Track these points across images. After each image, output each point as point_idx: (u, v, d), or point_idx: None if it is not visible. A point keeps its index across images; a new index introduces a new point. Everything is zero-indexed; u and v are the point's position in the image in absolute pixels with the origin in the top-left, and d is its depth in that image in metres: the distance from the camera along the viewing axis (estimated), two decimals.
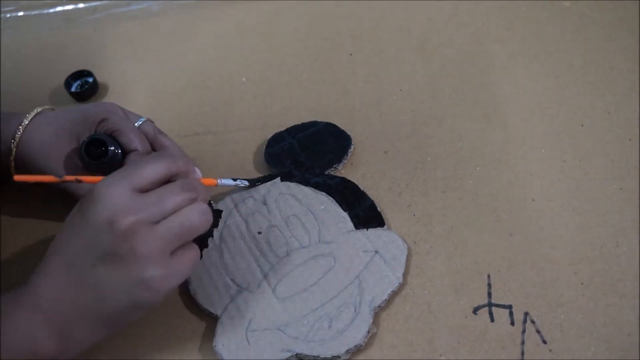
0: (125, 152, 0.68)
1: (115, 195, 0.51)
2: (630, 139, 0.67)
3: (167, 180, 0.54)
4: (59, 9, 0.95)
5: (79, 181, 0.54)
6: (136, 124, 0.70)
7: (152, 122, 0.72)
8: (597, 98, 0.71)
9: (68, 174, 0.67)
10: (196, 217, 0.52)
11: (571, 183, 0.65)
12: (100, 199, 0.51)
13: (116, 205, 0.50)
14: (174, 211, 0.52)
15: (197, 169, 0.71)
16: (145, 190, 0.52)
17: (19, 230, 0.71)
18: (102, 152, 0.66)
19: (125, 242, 0.50)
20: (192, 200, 0.53)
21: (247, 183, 0.68)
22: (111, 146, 0.66)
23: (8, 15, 0.95)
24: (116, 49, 0.88)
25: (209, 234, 0.66)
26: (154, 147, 0.71)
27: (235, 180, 0.66)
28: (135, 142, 0.68)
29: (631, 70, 0.72)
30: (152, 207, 0.51)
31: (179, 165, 0.54)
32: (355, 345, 0.57)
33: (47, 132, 0.67)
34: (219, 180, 0.62)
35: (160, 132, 0.71)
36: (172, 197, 0.52)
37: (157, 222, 0.51)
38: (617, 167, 0.65)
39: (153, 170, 0.53)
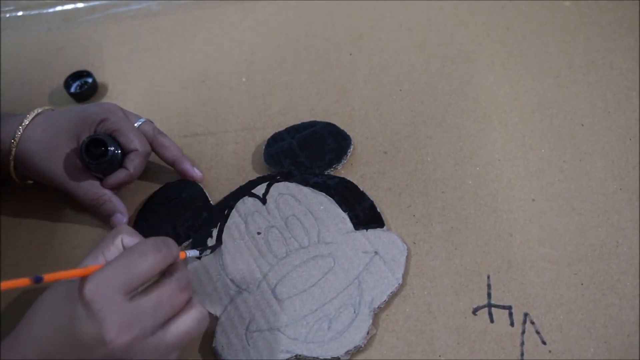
0: (125, 152, 0.68)
1: (107, 305, 0.46)
2: (630, 139, 0.67)
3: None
4: (59, 8, 0.94)
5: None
6: (136, 124, 0.70)
7: (152, 122, 0.72)
8: (597, 98, 0.71)
9: (68, 174, 0.67)
10: (195, 325, 0.50)
11: (571, 183, 0.65)
12: (90, 308, 0.46)
13: (109, 320, 0.46)
14: (172, 316, 0.49)
15: (196, 169, 0.71)
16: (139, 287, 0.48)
17: (19, 230, 0.71)
18: (101, 152, 0.66)
19: (120, 357, 0.47)
20: (189, 301, 0.50)
21: (208, 252, 0.64)
22: (111, 146, 0.66)
23: (7, 15, 0.95)
24: (116, 49, 0.88)
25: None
26: (154, 147, 0.71)
27: (200, 250, 0.63)
28: (135, 142, 0.68)
29: (631, 70, 0.72)
30: (148, 319, 0.47)
31: (174, 255, 0.50)
32: (355, 347, 0.57)
33: (47, 133, 0.67)
34: (187, 253, 0.57)
35: (160, 132, 0.72)
36: (169, 302, 0.48)
37: (153, 333, 0.48)
38: (617, 167, 0.65)
39: (149, 268, 0.48)
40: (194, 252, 0.61)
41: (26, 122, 0.67)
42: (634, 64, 0.73)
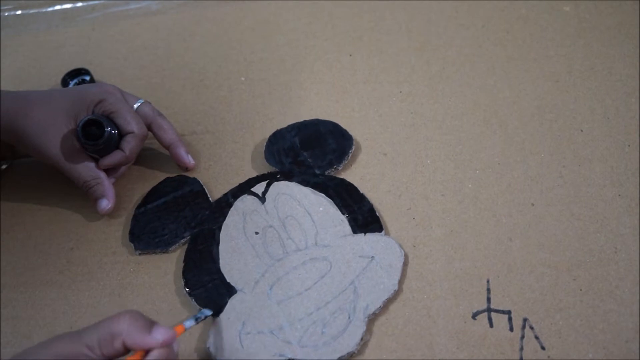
0: (122, 134, 0.68)
1: None
2: (629, 145, 0.67)
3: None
4: (57, 7, 0.94)
5: None
6: (135, 106, 0.70)
7: (150, 103, 0.72)
8: (597, 103, 0.71)
9: (64, 154, 0.67)
10: None
11: (570, 188, 0.65)
12: None
13: None
14: None
15: (190, 157, 0.72)
16: None
17: (17, 231, 0.71)
18: (98, 134, 0.66)
19: None
20: None
21: (209, 312, 0.60)
22: (108, 127, 0.66)
23: (6, 14, 0.95)
24: (114, 47, 0.88)
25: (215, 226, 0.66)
26: (152, 128, 0.71)
27: (197, 318, 0.58)
28: (132, 125, 0.68)
29: (630, 76, 0.72)
30: None
31: None
32: (348, 353, 0.57)
33: (44, 110, 0.67)
34: (186, 324, 0.56)
35: (160, 114, 0.72)
36: None
37: None
38: (616, 173, 0.65)
39: None
40: (190, 322, 0.57)
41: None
42: (633, 69, 0.73)
